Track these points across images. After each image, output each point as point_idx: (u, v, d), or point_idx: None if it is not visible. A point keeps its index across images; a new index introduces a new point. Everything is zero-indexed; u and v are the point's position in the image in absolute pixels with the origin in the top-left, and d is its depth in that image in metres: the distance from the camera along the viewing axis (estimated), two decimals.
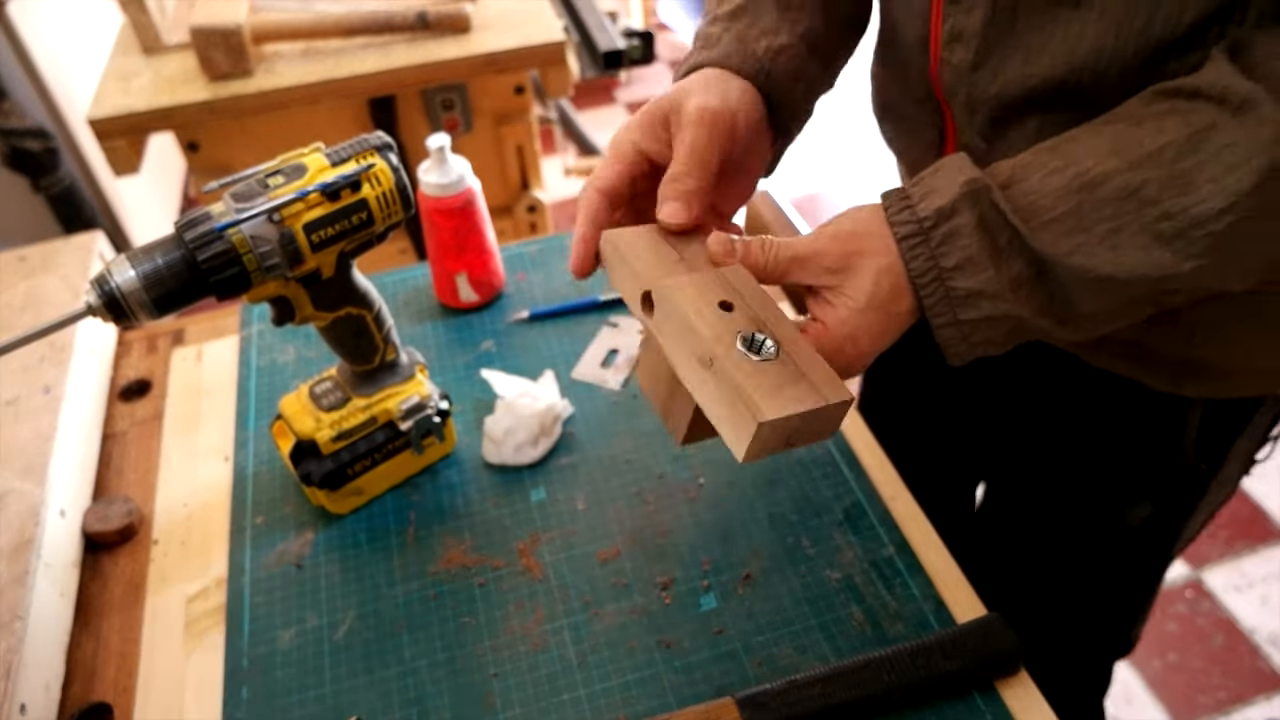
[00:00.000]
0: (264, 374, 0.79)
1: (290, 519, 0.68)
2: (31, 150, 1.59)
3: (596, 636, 0.59)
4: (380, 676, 0.58)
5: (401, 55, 1.17)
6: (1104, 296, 0.45)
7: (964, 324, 0.46)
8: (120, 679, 0.60)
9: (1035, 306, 0.45)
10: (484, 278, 0.83)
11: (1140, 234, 0.43)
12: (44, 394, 0.71)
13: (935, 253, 0.45)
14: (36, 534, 0.61)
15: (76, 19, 1.88)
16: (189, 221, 0.53)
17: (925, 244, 0.45)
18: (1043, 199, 0.44)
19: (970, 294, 0.45)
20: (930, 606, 0.60)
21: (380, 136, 0.59)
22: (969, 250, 0.45)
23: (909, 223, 0.46)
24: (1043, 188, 0.44)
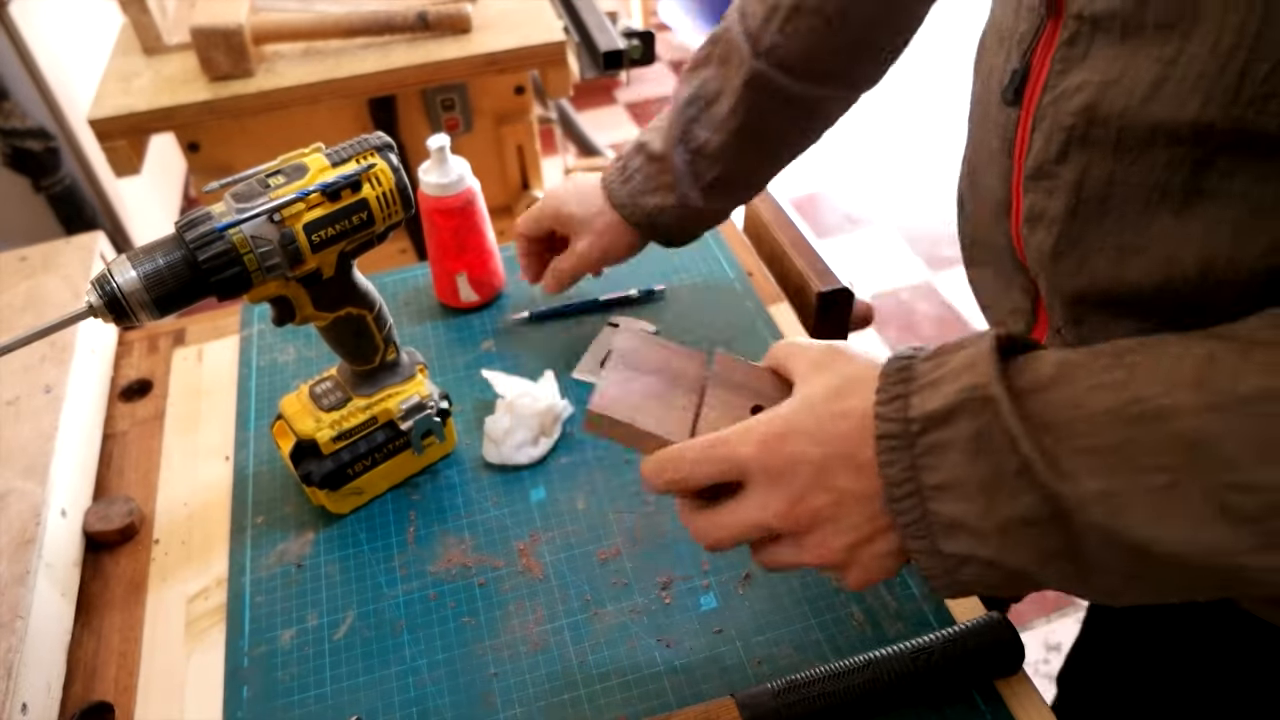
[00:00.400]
0: (264, 374, 0.79)
1: (290, 519, 0.68)
2: (33, 150, 1.60)
3: (596, 636, 0.59)
4: (380, 676, 0.58)
5: (402, 55, 1.17)
6: (1134, 566, 0.34)
7: (947, 557, 0.38)
8: (121, 678, 0.60)
9: (1034, 556, 0.36)
10: (484, 278, 0.83)
11: (1202, 501, 0.32)
12: (45, 394, 0.71)
13: (917, 463, 0.37)
14: (37, 534, 0.61)
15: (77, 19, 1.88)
16: (190, 221, 0.53)
17: (907, 451, 0.37)
18: (1082, 418, 0.34)
19: (953, 524, 0.37)
20: (930, 606, 0.60)
21: (380, 137, 0.59)
22: (955, 472, 0.36)
23: (894, 419, 0.38)
24: (1086, 403, 0.34)
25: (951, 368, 0.38)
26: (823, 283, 0.82)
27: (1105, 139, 0.39)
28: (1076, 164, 0.41)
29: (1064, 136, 0.41)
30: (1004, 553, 0.36)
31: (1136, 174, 0.38)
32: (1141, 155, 0.38)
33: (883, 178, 2.52)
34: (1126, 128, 0.38)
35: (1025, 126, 0.44)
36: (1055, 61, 0.41)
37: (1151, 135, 0.37)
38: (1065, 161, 0.41)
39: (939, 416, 0.37)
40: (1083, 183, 0.41)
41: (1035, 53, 0.43)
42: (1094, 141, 0.39)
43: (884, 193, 2.47)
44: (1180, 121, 0.36)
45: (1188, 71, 0.35)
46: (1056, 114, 0.41)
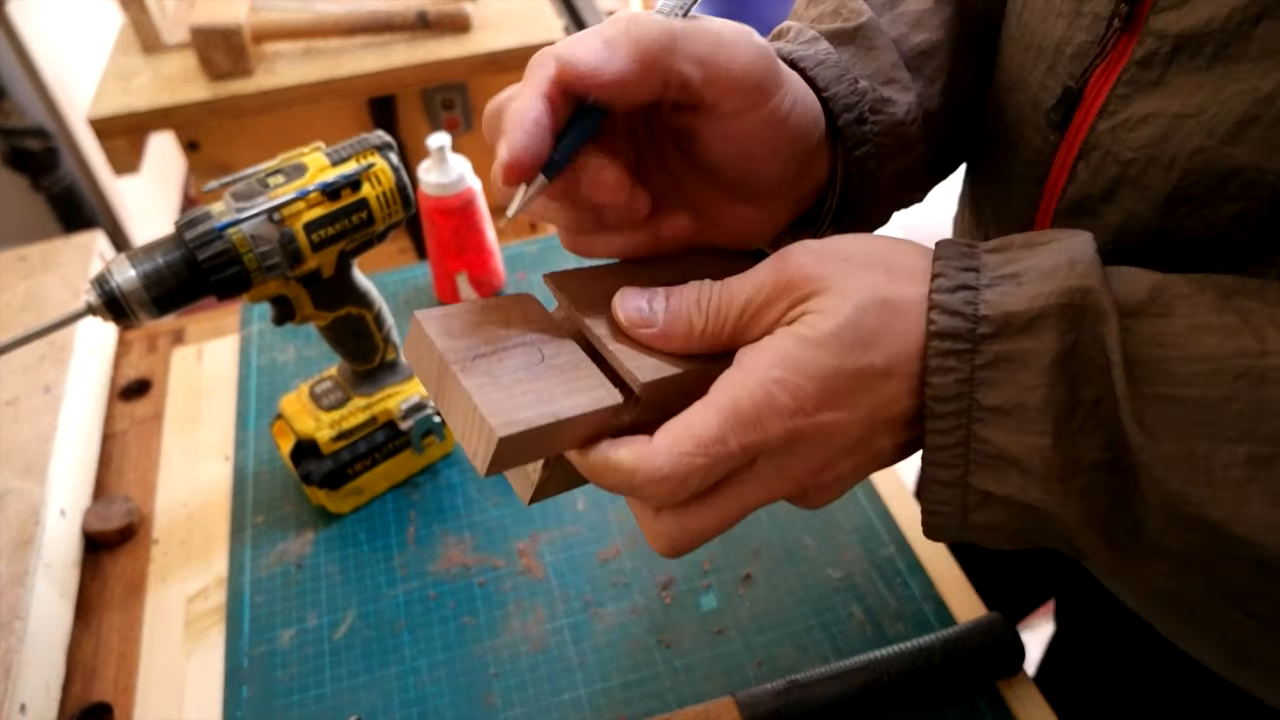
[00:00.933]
0: (264, 373, 0.79)
1: (290, 518, 0.68)
2: (31, 149, 1.59)
3: (596, 636, 0.59)
4: (380, 676, 0.58)
5: (402, 55, 1.17)
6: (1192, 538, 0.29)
7: (973, 492, 0.31)
8: (120, 678, 0.60)
9: (1086, 510, 0.30)
10: (484, 277, 0.83)
11: None
12: (44, 393, 0.71)
13: (977, 376, 0.30)
14: (36, 534, 0.61)
15: (76, 18, 1.88)
16: (189, 221, 0.53)
17: (968, 358, 0.30)
18: (1178, 360, 0.28)
19: (1000, 457, 0.30)
20: (930, 606, 0.59)
21: (380, 136, 0.59)
22: (1027, 395, 0.29)
23: (958, 313, 0.30)
24: (1188, 344, 0.28)
25: (1035, 264, 0.30)
26: None
27: (1164, 181, 0.33)
28: (1124, 205, 0.35)
29: (1117, 172, 0.35)
30: (1052, 501, 0.30)
31: (1192, 226, 0.33)
32: (1204, 206, 0.33)
33: None
34: (1195, 171, 0.32)
35: (1069, 155, 0.38)
36: (1120, 84, 0.35)
37: (1222, 182, 0.32)
38: (1112, 201, 0.36)
39: (1021, 321, 0.29)
40: (1126, 227, 0.35)
41: (1095, 72, 0.37)
42: (1151, 183, 0.34)
43: None
44: (1266, 169, 0.31)
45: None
46: (1113, 145, 0.35)
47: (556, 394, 0.31)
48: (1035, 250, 0.31)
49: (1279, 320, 0.28)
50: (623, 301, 0.33)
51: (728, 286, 0.32)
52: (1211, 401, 0.28)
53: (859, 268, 0.31)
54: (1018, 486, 0.30)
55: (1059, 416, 0.29)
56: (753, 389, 0.30)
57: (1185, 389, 0.28)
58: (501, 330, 0.33)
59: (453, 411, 0.31)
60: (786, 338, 0.30)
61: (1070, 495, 0.30)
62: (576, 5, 1.32)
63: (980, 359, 0.30)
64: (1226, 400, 0.28)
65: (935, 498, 0.32)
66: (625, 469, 0.30)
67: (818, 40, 0.40)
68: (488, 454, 0.29)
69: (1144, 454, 0.28)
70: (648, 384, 0.31)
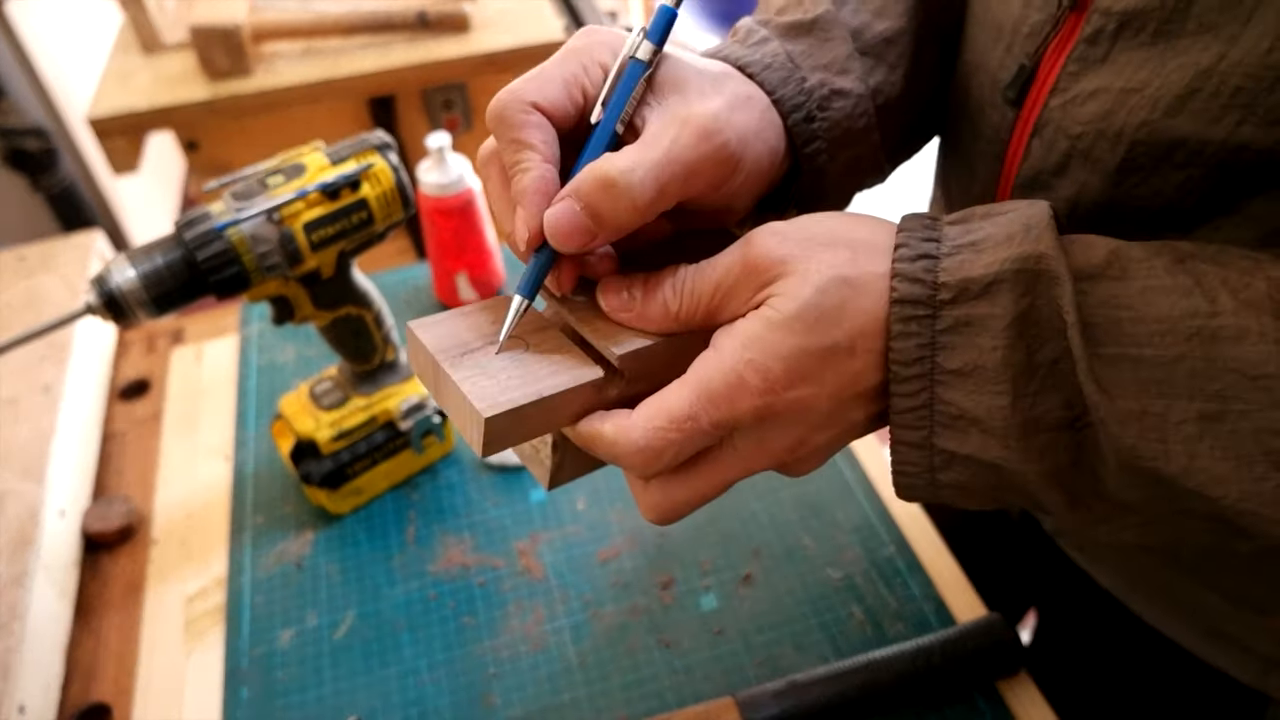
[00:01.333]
0: (264, 373, 0.79)
1: (290, 519, 0.68)
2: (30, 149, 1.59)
3: (596, 636, 0.59)
4: (380, 676, 0.58)
5: (401, 54, 1.17)
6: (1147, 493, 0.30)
7: (938, 453, 0.32)
8: (119, 679, 0.60)
9: (1047, 468, 0.31)
10: (484, 277, 0.83)
11: (1248, 439, 0.28)
12: (43, 393, 0.71)
13: (938, 340, 0.31)
14: (36, 534, 0.61)
15: (76, 18, 1.88)
16: (188, 221, 0.53)
17: (929, 323, 0.31)
18: (1132, 321, 0.29)
19: (962, 417, 0.31)
20: (930, 606, 0.59)
21: (380, 136, 0.58)
22: (985, 357, 0.30)
23: (918, 280, 0.31)
24: (1142, 305, 0.29)
25: (993, 233, 0.31)
26: None
27: (1113, 154, 0.35)
28: (1076, 178, 0.37)
29: (1067, 146, 0.37)
30: (1012, 458, 0.31)
31: (1141, 196, 0.35)
32: (1152, 175, 0.34)
33: None
34: (1141, 143, 0.34)
35: (1024, 131, 0.39)
36: (1070, 61, 0.37)
37: (1168, 153, 0.33)
38: (1065, 174, 0.37)
39: (978, 286, 0.30)
40: (1079, 199, 0.37)
41: (1048, 50, 0.38)
42: (1100, 156, 0.35)
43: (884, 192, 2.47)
44: (1207, 139, 0.32)
45: (1225, 83, 0.31)
46: (1064, 121, 0.37)
47: (541, 375, 0.33)
48: (993, 219, 0.32)
49: (1230, 282, 0.29)
50: (604, 289, 0.35)
51: (699, 270, 0.33)
52: (1165, 360, 0.29)
53: (821, 247, 0.32)
54: (979, 446, 0.31)
55: (1017, 377, 0.30)
56: (724, 369, 0.31)
57: (1140, 349, 0.29)
58: (490, 328, 0.35)
59: (451, 408, 0.34)
60: (754, 320, 0.32)
61: (1030, 453, 0.31)
62: (576, 5, 1.32)
63: (940, 324, 0.31)
64: (1179, 359, 0.29)
65: (903, 458, 0.33)
66: (607, 440, 0.33)
67: (767, 41, 0.41)
68: (479, 436, 0.32)
69: (1100, 411, 0.29)
70: (623, 355, 0.33)
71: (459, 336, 0.35)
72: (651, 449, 0.32)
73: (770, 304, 0.32)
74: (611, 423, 0.33)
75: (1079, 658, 0.65)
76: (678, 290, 0.33)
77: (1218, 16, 0.31)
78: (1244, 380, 0.28)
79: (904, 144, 0.49)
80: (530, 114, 0.33)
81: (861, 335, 0.31)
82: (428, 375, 0.35)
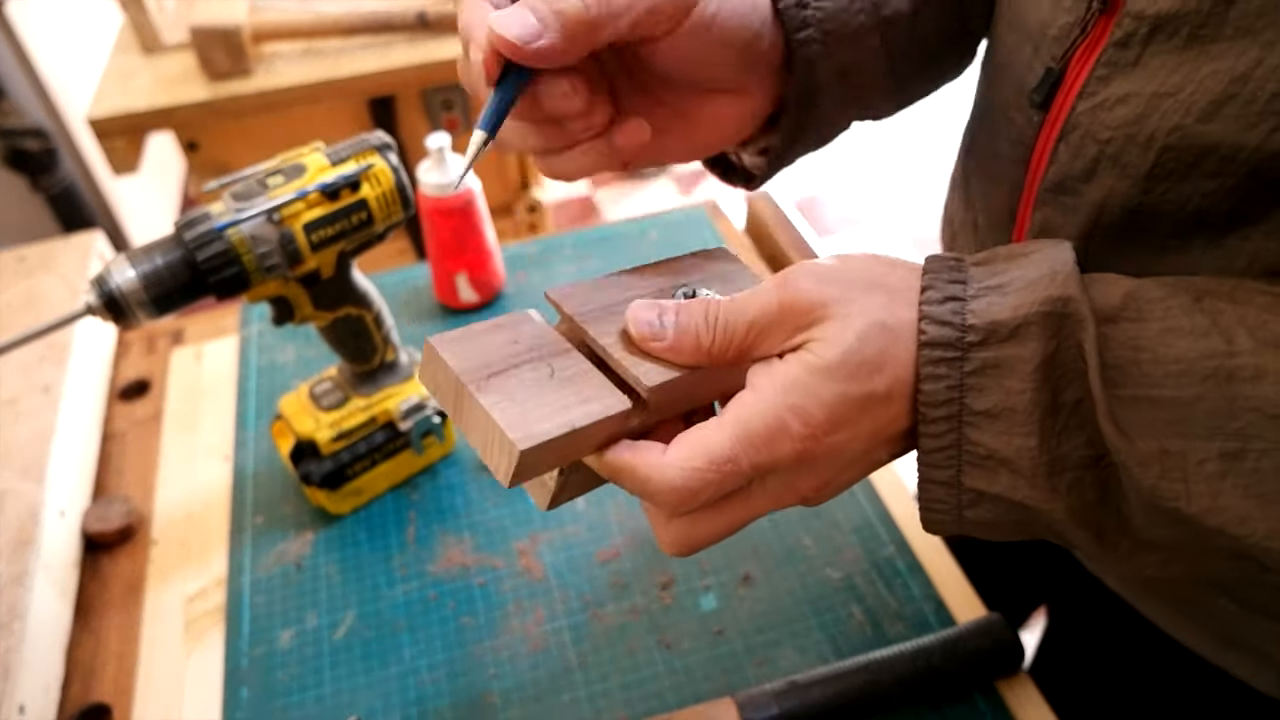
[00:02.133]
0: (264, 374, 0.79)
1: (290, 519, 0.68)
2: (30, 150, 1.59)
3: (596, 636, 0.59)
4: (380, 676, 0.58)
5: (401, 55, 1.17)
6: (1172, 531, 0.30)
7: (966, 491, 0.32)
8: (119, 679, 0.60)
9: (1074, 505, 0.31)
10: (484, 278, 0.83)
11: (1270, 477, 0.28)
12: (43, 394, 0.71)
13: (966, 382, 0.31)
14: (36, 534, 0.61)
15: (76, 18, 1.88)
16: (188, 221, 0.53)
17: (957, 365, 0.31)
18: (1150, 363, 0.30)
19: (991, 458, 0.31)
20: (930, 606, 0.59)
21: (380, 136, 0.59)
22: (1014, 399, 0.31)
23: (947, 323, 0.31)
24: (1159, 347, 0.30)
25: (1019, 275, 0.32)
26: None
27: (1143, 159, 0.34)
28: (1104, 183, 0.36)
29: (1096, 151, 0.36)
30: (1039, 497, 0.31)
31: (1170, 202, 0.34)
32: (1182, 181, 0.33)
33: (883, 178, 2.52)
34: (1172, 148, 0.33)
35: (1050, 135, 0.39)
36: (1099, 65, 0.36)
37: (1199, 159, 0.33)
38: (1092, 180, 0.37)
39: (1007, 329, 0.31)
40: (1106, 204, 0.37)
41: (1076, 53, 0.37)
42: (1129, 161, 0.35)
43: (884, 193, 2.47)
44: (1241, 146, 0.31)
45: (1261, 89, 0.30)
46: (1092, 125, 0.36)
47: (570, 405, 0.32)
48: (1018, 261, 0.32)
49: (1247, 320, 0.30)
50: (635, 315, 0.34)
51: (735, 304, 0.33)
52: (1183, 401, 0.29)
53: (860, 291, 0.32)
54: (1007, 485, 0.31)
55: (1044, 418, 0.30)
56: (765, 413, 0.31)
57: (1158, 389, 0.29)
58: (511, 348, 0.34)
59: (472, 429, 0.33)
60: (795, 364, 0.32)
61: (1057, 492, 0.31)
62: None
63: (969, 366, 0.31)
64: (1197, 399, 0.29)
65: (931, 496, 0.33)
66: (640, 477, 0.32)
67: None
68: (510, 467, 0.31)
69: (1120, 454, 0.30)
70: (654, 388, 0.33)
71: (482, 356, 0.33)
72: (689, 489, 0.31)
73: (811, 348, 0.31)
74: (644, 458, 0.32)
75: (1087, 659, 0.65)
76: (710, 324, 0.33)
77: (1255, 21, 0.30)
78: (1264, 419, 0.28)
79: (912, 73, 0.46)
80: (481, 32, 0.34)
81: (898, 381, 0.32)
82: (447, 393, 0.33)
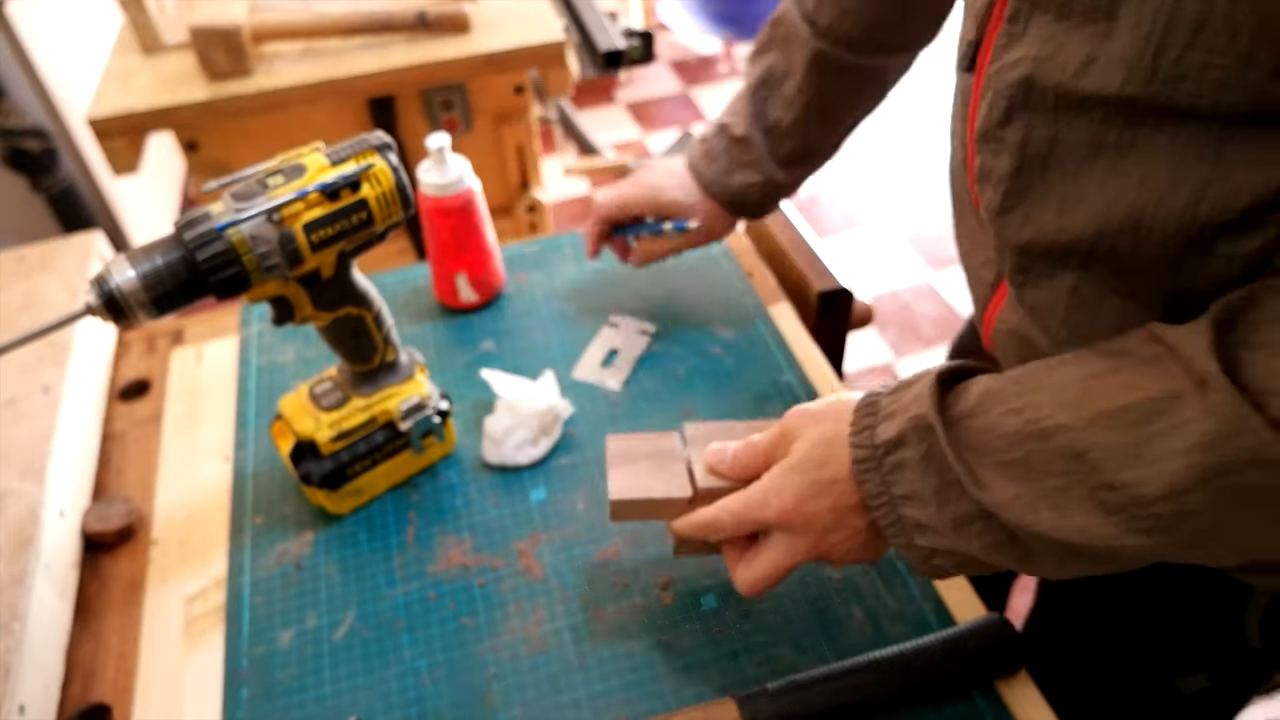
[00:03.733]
0: (264, 374, 0.79)
1: (290, 519, 0.68)
2: (30, 150, 1.59)
3: (596, 636, 0.59)
4: (380, 677, 0.58)
5: (401, 55, 1.17)
6: (1057, 551, 0.42)
7: (922, 549, 0.46)
8: (119, 679, 0.60)
9: (986, 546, 0.44)
10: (484, 278, 0.83)
11: (1085, 500, 0.40)
12: (43, 394, 0.71)
13: (886, 479, 0.46)
14: (36, 534, 0.61)
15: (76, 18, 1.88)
16: (188, 221, 0.53)
17: (878, 470, 0.46)
18: (995, 439, 0.42)
19: (919, 524, 0.46)
20: (930, 606, 0.59)
21: (380, 136, 0.58)
22: (914, 485, 0.45)
23: (864, 446, 0.47)
24: (998, 427, 0.42)
25: (904, 401, 0.46)
26: (823, 283, 0.82)
27: (1044, 104, 0.42)
28: (1019, 126, 0.43)
29: (1006, 103, 0.44)
30: (959, 544, 0.45)
31: (1075, 132, 0.41)
32: (1078, 116, 0.41)
33: (883, 178, 2.52)
34: (1061, 98, 0.41)
35: (976, 93, 0.47)
36: (1000, 35, 0.44)
37: (1081, 105, 0.40)
38: (1009, 125, 0.44)
39: (894, 441, 0.46)
40: (1026, 143, 0.44)
41: (989, 25, 0.46)
42: (1034, 106, 0.42)
43: (884, 193, 2.47)
44: (1107, 94, 0.39)
45: (1113, 53, 0.38)
46: (999, 83, 0.44)
47: (654, 484, 0.55)
48: (905, 390, 0.47)
49: (1048, 384, 0.42)
50: (708, 451, 0.55)
51: (759, 438, 0.54)
52: (1018, 460, 0.42)
53: (817, 421, 0.50)
54: (936, 540, 0.46)
55: (938, 492, 0.44)
56: (757, 487, 0.51)
57: (1004, 454, 0.42)
58: (646, 448, 0.58)
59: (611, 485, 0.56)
60: (778, 465, 0.51)
61: (969, 540, 0.44)
62: (576, 5, 1.32)
63: (885, 468, 0.46)
64: (1026, 456, 0.41)
65: (907, 556, 0.48)
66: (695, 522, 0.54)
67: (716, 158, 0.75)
68: (610, 507, 0.56)
69: (990, 504, 0.42)
70: (702, 489, 0.55)
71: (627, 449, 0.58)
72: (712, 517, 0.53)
73: (787, 454, 0.51)
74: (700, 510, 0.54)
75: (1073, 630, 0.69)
76: (746, 450, 0.54)
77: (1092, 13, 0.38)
78: (1069, 459, 0.40)
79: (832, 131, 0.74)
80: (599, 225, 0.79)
81: (840, 469, 0.48)
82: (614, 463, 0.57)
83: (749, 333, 0.80)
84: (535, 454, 0.70)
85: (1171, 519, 0.38)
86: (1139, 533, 0.39)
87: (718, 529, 0.53)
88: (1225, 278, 0.39)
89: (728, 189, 0.74)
